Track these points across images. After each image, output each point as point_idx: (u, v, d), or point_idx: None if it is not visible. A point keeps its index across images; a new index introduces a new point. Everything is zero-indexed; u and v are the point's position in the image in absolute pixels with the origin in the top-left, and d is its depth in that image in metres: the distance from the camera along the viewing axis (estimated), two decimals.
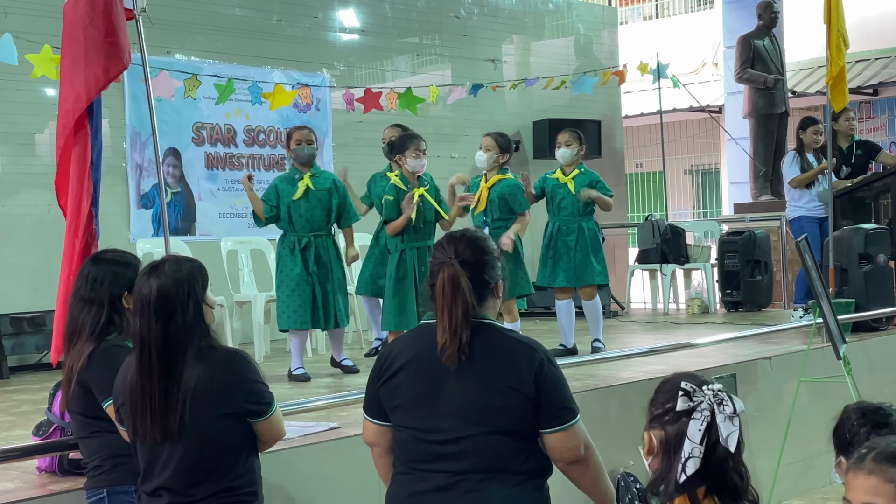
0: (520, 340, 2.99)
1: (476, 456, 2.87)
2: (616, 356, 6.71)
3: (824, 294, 6.34)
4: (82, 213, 4.35)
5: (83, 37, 4.33)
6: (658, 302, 11.08)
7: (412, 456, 2.95)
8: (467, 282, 2.91)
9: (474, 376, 2.89)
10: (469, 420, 2.87)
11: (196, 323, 3.13)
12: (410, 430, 2.95)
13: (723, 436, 2.38)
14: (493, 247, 3.06)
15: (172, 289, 3.11)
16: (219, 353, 3.17)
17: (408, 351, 3.00)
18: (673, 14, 19.55)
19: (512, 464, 2.88)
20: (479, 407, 2.88)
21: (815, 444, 4.43)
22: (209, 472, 3.10)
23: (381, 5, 10.62)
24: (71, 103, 4.32)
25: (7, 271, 7.82)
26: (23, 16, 7.65)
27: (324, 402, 4.93)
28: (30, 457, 4.05)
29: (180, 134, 8.93)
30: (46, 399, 4.33)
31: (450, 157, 10.27)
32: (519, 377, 2.88)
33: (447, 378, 2.90)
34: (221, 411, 3.10)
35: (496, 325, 2.99)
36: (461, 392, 2.89)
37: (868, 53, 15.54)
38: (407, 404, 2.96)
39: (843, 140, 9.30)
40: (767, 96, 11.62)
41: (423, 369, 2.95)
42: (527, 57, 11.99)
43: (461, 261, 2.94)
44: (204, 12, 9.11)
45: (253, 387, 3.18)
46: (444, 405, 2.90)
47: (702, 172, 19.55)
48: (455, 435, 2.88)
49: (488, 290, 3.00)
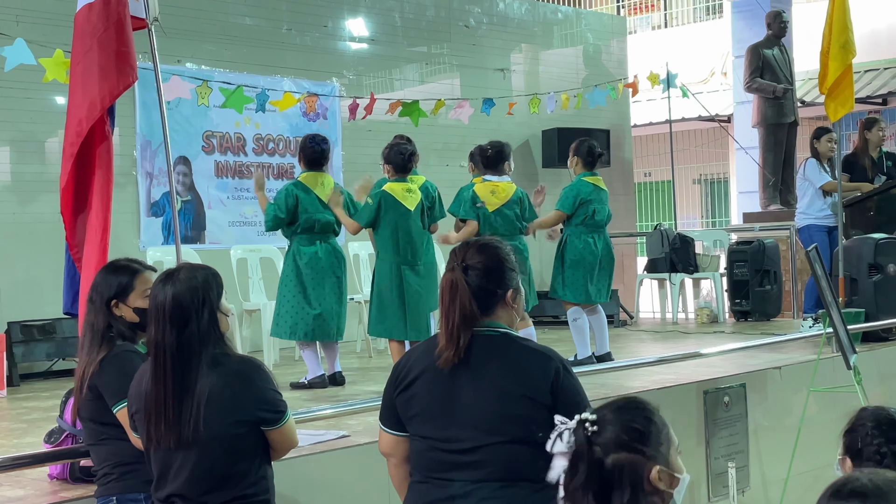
0: (535, 349, 2.99)
1: (493, 465, 2.87)
2: (625, 365, 6.70)
3: (834, 304, 6.34)
4: (106, 223, 4.40)
5: (98, 46, 4.36)
6: (667, 311, 11.07)
7: (429, 465, 2.96)
8: (465, 286, 2.92)
9: (490, 385, 2.89)
10: (486, 429, 2.87)
11: (210, 330, 3.15)
12: (427, 440, 2.96)
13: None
14: (505, 255, 3.03)
15: (187, 296, 3.13)
16: (233, 360, 3.19)
17: (424, 360, 3.00)
18: (682, 23, 19.56)
19: (530, 472, 2.84)
20: (496, 416, 2.88)
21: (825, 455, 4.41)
22: (222, 480, 3.11)
23: (390, 14, 10.65)
24: (85, 111, 4.35)
25: (18, 279, 7.84)
26: (34, 24, 7.69)
27: (333, 411, 4.93)
28: (41, 464, 4.06)
29: (190, 142, 8.96)
30: (56, 406, 4.34)
31: (459, 167, 10.28)
32: (535, 386, 2.88)
33: (463, 387, 2.91)
34: (235, 419, 3.11)
35: (511, 333, 2.99)
36: (477, 401, 2.89)
37: (877, 63, 15.53)
38: (423, 414, 2.97)
39: (874, 150, 9.40)
40: (776, 106, 11.60)
41: (439, 378, 2.94)
42: (536, 66, 12.00)
43: (466, 266, 2.94)
44: (214, 21, 9.14)
45: (266, 395, 3.18)
46: (460, 415, 2.90)
47: (711, 182, 19.54)
48: (472, 444, 2.88)
49: (495, 298, 2.97)
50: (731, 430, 6.28)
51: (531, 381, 2.89)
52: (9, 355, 7.37)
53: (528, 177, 11.07)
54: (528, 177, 11.12)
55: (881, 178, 9.31)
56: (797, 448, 6.17)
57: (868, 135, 9.37)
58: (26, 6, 7.91)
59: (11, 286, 7.80)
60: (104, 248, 4.34)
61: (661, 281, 11.06)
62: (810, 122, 14.62)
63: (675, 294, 10.86)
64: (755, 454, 6.46)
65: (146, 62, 4.91)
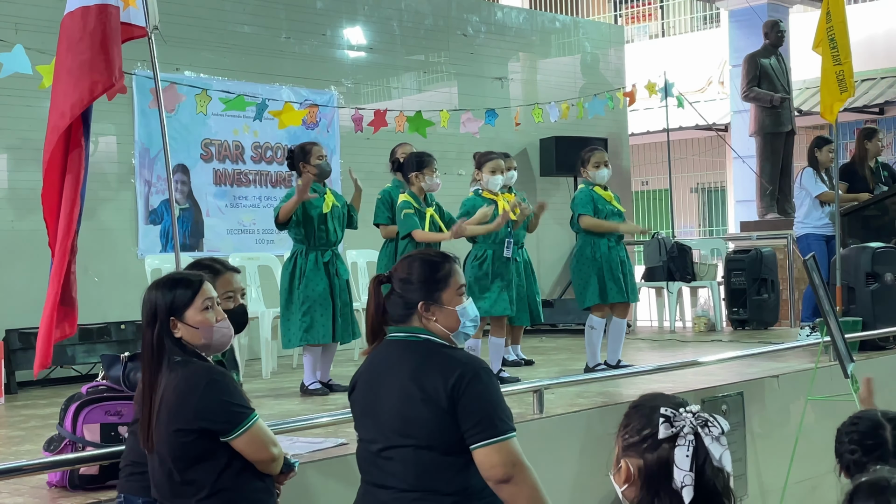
0: (449, 355, 3.06)
1: (406, 469, 2.98)
2: (623, 374, 6.71)
3: (832, 312, 6.35)
4: (72, 232, 4.38)
5: (75, 51, 4.36)
6: (664, 320, 11.08)
7: (365, 468, 3.13)
8: (375, 294, 3.19)
9: (399, 387, 3.03)
10: (394, 430, 3.01)
11: (163, 339, 3.21)
12: (361, 442, 3.16)
13: (715, 458, 2.28)
14: (416, 268, 3.16)
15: (144, 306, 3.25)
16: (187, 368, 3.19)
17: (367, 364, 3.23)
18: (679, 32, 19.62)
19: (439, 482, 2.94)
20: (400, 417, 3.01)
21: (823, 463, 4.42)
22: (180, 487, 3.15)
23: (388, 23, 10.67)
24: (56, 119, 4.35)
25: (16, 286, 7.84)
26: (33, 32, 7.69)
27: (329, 419, 4.93)
28: (41, 472, 4.06)
29: (189, 150, 8.97)
30: (55, 414, 4.34)
31: (457, 175, 10.30)
32: (433, 388, 2.96)
33: (384, 389, 3.08)
34: (176, 426, 3.13)
35: (434, 340, 3.11)
36: (388, 402, 3.05)
37: (874, 73, 15.56)
38: (357, 415, 3.20)
39: (872, 160, 9.44)
40: (774, 115, 11.64)
41: (371, 380, 3.15)
42: (533, 75, 12.03)
43: (388, 275, 3.20)
44: (212, 29, 9.15)
45: (211, 405, 3.14)
46: (379, 415, 3.07)
47: (708, 190, 19.57)
48: (385, 444, 3.03)
49: (409, 307, 3.13)
50: (729, 438, 6.22)
51: (431, 384, 2.97)
52: (7, 363, 7.36)
53: (525, 185, 11.07)
54: (526, 185, 11.12)
55: (880, 187, 9.34)
56: (795, 456, 6.17)
57: (868, 144, 9.40)
58: (25, 14, 7.91)
59: (9, 293, 7.79)
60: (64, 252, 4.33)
61: (658, 289, 11.07)
62: (807, 131, 14.64)
63: (672, 302, 10.87)
64: (753, 462, 6.46)
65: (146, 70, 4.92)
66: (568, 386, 6.21)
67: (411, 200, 6.81)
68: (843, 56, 7.77)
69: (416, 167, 6.87)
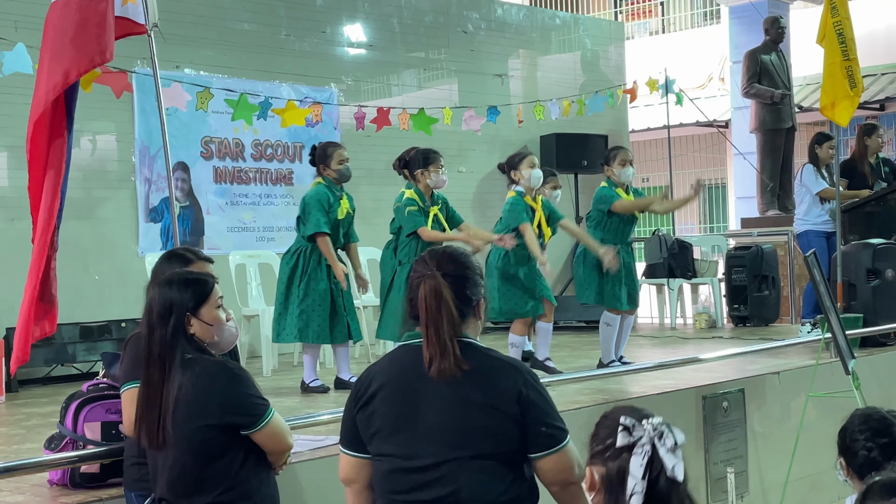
0: (501, 359, 2.89)
1: (456, 483, 2.75)
2: (624, 371, 6.71)
3: (832, 309, 6.34)
4: (51, 226, 4.36)
5: (56, 41, 4.34)
6: (665, 317, 11.08)
7: (392, 487, 2.83)
8: (450, 293, 2.83)
9: (454, 396, 2.77)
10: (449, 443, 2.76)
11: (178, 335, 3.19)
12: (389, 458, 2.83)
13: (668, 468, 2.28)
14: (475, 264, 2.99)
15: (158, 301, 3.22)
16: (202, 363, 3.19)
17: (385, 373, 2.89)
18: (679, 29, 19.59)
19: (494, 492, 2.76)
20: (460, 429, 2.77)
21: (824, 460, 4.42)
22: (196, 484, 3.13)
23: (388, 20, 10.66)
24: (36, 109, 4.34)
25: (16, 284, 7.79)
26: (33, 30, 7.66)
27: (330, 416, 4.92)
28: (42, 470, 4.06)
29: (189, 148, 8.96)
30: (55, 413, 4.34)
31: (457, 172, 10.29)
32: (501, 396, 2.77)
33: (425, 399, 2.79)
34: (201, 422, 3.12)
35: (475, 343, 2.89)
36: (440, 413, 2.77)
37: (874, 69, 15.53)
38: (385, 429, 2.83)
39: (872, 156, 9.43)
40: (774, 111, 11.63)
41: (400, 391, 2.83)
42: (534, 72, 12.02)
43: (443, 274, 2.86)
44: (212, 27, 9.15)
45: (236, 399, 3.17)
46: (423, 428, 2.78)
47: (708, 187, 19.55)
48: (434, 460, 2.76)
49: (470, 307, 2.90)
50: (730, 435, 6.29)
51: (497, 391, 2.78)
52: (7, 361, 7.36)
53: None
54: None
55: (881, 183, 9.33)
56: (796, 453, 6.17)
57: (868, 141, 9.40)
58: (26, 12, 7.90)
59: (9, 292, 7.75)
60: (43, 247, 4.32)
61: (659, 286, 11.07)
62: (808, 127, 14.63)
63: (673, 299, 10.87)
64: (754, 459, 6.46)
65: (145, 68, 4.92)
66: (569, 383, 6.20)
67: (416, 198, 6.79)
68: (852, 52, 7.72)
69: (423, 164, 6.84)
